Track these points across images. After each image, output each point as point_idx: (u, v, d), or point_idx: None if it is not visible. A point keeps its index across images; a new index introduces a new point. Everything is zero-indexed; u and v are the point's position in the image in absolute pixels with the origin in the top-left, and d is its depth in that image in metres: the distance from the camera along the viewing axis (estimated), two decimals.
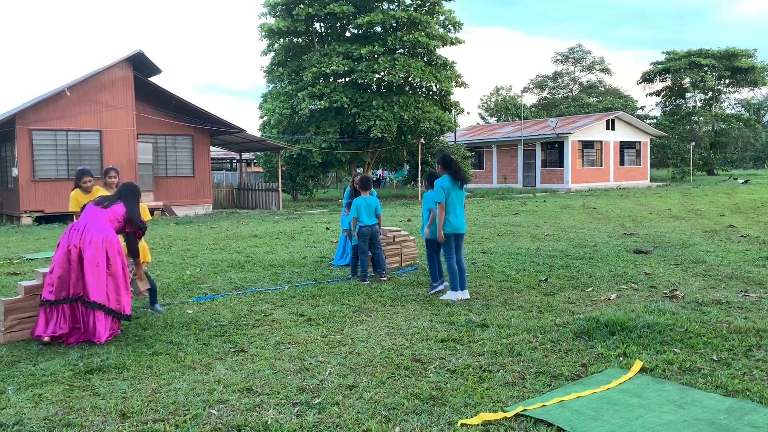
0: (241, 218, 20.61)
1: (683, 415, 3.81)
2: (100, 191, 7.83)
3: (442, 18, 31.30)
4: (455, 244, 7.24)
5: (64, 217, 20.00)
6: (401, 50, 30.09)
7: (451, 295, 7.11)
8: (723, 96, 52.12)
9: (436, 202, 7.08)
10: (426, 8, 30.63)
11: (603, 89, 69.65)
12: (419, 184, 29.54)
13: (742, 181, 38.30)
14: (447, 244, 7.18)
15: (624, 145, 39.12)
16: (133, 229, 6.10)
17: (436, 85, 31.26)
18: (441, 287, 7.55)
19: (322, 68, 28.39)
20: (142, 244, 6.73)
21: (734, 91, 52.59)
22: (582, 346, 5.19)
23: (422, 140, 30.50)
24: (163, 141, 23.70)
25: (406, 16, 29.06)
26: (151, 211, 21.58)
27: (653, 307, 6.27)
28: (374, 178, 44.09)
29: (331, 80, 29.67)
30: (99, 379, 4.69)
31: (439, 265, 7.63)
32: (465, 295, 7.13)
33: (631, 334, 5.37)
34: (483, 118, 74.31)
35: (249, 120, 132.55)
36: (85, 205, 6.10)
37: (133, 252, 6.17)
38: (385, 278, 8.46)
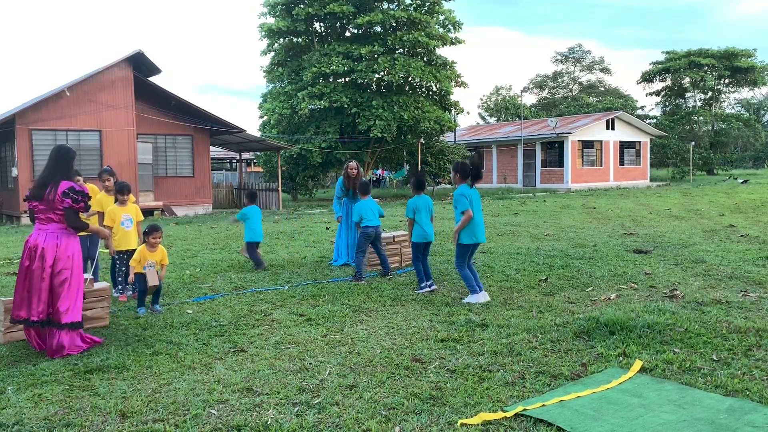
0: None
1: (683, 414, 3.81)
2: (96, 190, 7.84)
3: (441, 18, 31.32)
4: (471, 251, 7.13)
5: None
6: (401, 50, 30.09)
7: (470, 299, 6.96)
8: (723, 96, 52.15)
9: (461, 212, 6.93)
10: (426, 8, 30.64)
11: (603, 89, 69.70)
12: None
13: (742, 180, 38.30)
14: (462, 252, 7.06)
15: (624, 145, 39.13)
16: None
17: (435, 85, 31.26)
18: (428, 289, 7.56)
19: (322, 68, 28.39)
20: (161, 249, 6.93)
21: (734, 91, 52.67)
22: (582, 346, 5.19)
23: (422, 140, 30.51)
24: (163, 141, 23.70)
25: (406, 16, 29.07)
26: (151, 211, 21.60)
27: (653, 307, 6.27)
28: (374, 178, 44.18)
29: (330, 80, 29.67)
30: (99, 379, 4.69)
31: (425, 267, 7.65)
32: (486, 297, 6.98)
33: (630, 334, 5.37)
34: (483, 118, 74.34)
35: (249, 120, 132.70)
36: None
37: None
38: (390, 276, 8.62)
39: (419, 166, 29.41)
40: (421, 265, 7.63)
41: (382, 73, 29.43)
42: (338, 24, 31.24)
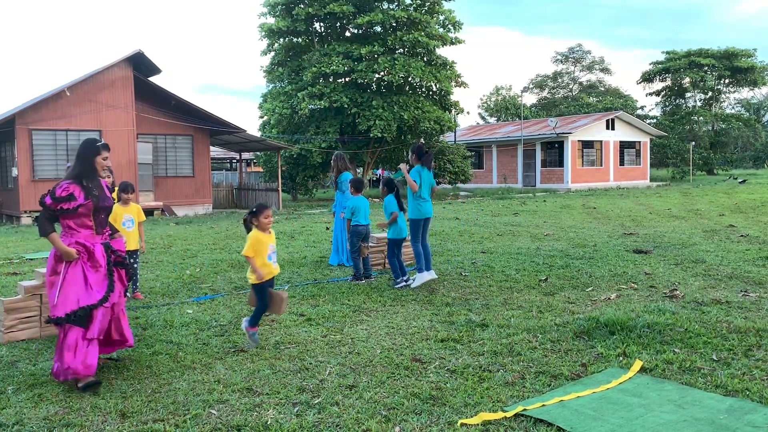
0: (240, 218, 20.57)
1: (683, 414, 3.81)
2: None
3: (441, 18, 31.29)
4: (423, 227, 8.02)
5: None
6: (401, 50, 30.08)
7: (418, 278, 7.72)
8: (723, 96, 52.17)
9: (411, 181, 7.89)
10: (426, 8, 30.62)
11: (603, 89, 69.72)
12: None
13: (740, 180, 38.30)
14: (416, 229, 7.93)
15: (624, 145, 39.14)
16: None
17: (435, 85, 31.25)
18: (404, 283, 7.87)
19: (322, 68, 28.38)
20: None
21: (734, 91, 52.68)
22: (582, 346, 5.19)
23: (422, 140, 30.50)
24: (163, 141, 23.70)
25: (406, 16, 29.05)
26: (151, 211, 21.60)
27: (653, 307, 6.27)
28: (374, 179, 44.14)
29: (330, 80, 29.67)
30: (99, 378, 4.68)
31: (400, 263, 8.06)
32: (432, 275, 7.80)
33: (630, 334, 5.37)
34: (483, 117, 74.35)
35: (249, 120, 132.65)
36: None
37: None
38: (372, 278, 8.58)
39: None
40: (396, 260, 8.04)
41: (382, 73, 29.42)
42: (338, 24, 31.23)
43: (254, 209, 5.43)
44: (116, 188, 7.81)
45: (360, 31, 30.87)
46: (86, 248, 4.68)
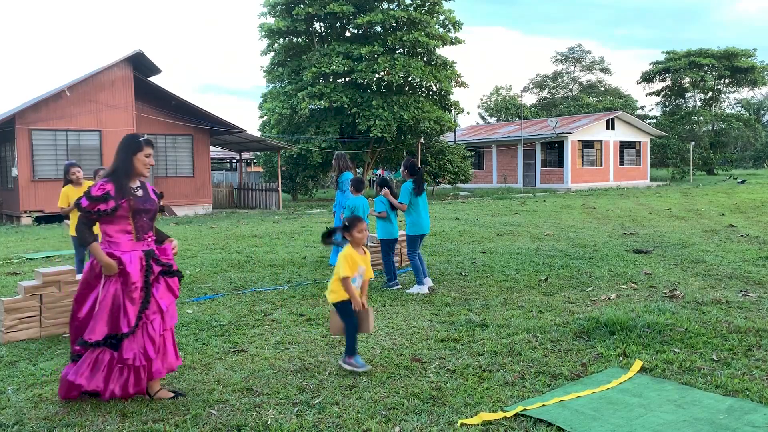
0: (240, 218, 20.61)
1: (683, 414, 3.81)
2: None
3: (441, 18, 31.29)
4: (419, 242, 8.05)
5: (63, 217, 19.99)
6: (401, 50, 30.08)
7: (416, 289, 7.66)
8: (723, 96, 52.17)
9: (400, 202, 7.96)
10: (426, 8, 30.61)
11: (603, 89, 69.69)
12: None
13: (740, 180, 38.29)
14: (412, 244, 7.96)
15: (624, 145, 39.13)
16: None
17: (435, 85, 31.25)
18: (397, 287, 7.90)
19: (322, 68, 28.38)
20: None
21: (734, 91, 52.67)
22: (582, 346, 5.19)
23: (422, 140, 30.50)
24: (163, 141, 23.69)
25: (406, 16, 29.05)
26: None
27: (653, 307, 6.27)
28: (375, 179, 44.17)
29: (330, 80, 29.67)
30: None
31: (393, 265, 8.08)
32: (429, 282, 7.76)
33: (630, 334, 5.37)
34: (483, 117, 74.36)
35: (249, 120, 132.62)
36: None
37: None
38: (372, 278, 8.62)
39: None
40: (390, 262, 8.08)
41: (382, 73, 29.41)
42: (338, 24, 31.23)
43: (347, 223, 4.84)
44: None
45: (360, 31, 30.87)
46: (121, 263, 4.16)
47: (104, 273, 4.15)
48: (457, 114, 35.92)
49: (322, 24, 31.58)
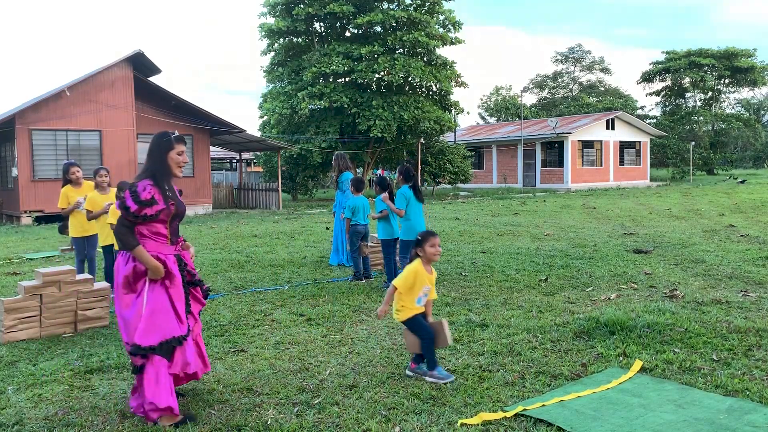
0: (240, 218, 20.61)
1: (683, 414, 3.81)
2: (91, 186, 7.83)
3: (441, 18, 31.29)
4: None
5: (63, 217, 19.99)
6: (401, 50, 30.08)
7: None
8: (723, 96, 52.16)
9: (397, 207, 7.71)
10: (426, 8, 30.62)
11: (603, 89, 69.70)
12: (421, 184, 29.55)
13: (740, 180, 38.30)
14: (406, 249, 7.76)
15: (624, 145, 39.14)
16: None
17: (435, 85, 31.26)
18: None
19: (322, 68, 28.39)
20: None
21: (734, 91, 52.68)
22: (582, 346, 5.19)
23: (422, 140, 30.50)
24: None
25: (406, 16, 29.05)
26: None
27: (653, 307, 6.27)
28: (374, 179, 44.22)
29: (330, 80, 29.67)
30: (99, 379, 4.69)
31: (394, 265, 7.94)
32: None
33: (630, 334, 5.37)
34: (483, 117, 74.35)
35: (249, 120, 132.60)
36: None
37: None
38: (372, 278, 8.63)
39: (419, 166, 29.40)
40: (391, 261, 8.01)
41: (382, 73, 29.42)
42: (338, 24, 31.23)
43: (419, 237, 4.61)
44: (114, 188, 7.80)
45: (360, 31, 30.87)
46: (165, 266, 3.99)
47: (150, 277, 3.93)
48: (457, 114, 35.93)
49: (322, 24, 31.58)
